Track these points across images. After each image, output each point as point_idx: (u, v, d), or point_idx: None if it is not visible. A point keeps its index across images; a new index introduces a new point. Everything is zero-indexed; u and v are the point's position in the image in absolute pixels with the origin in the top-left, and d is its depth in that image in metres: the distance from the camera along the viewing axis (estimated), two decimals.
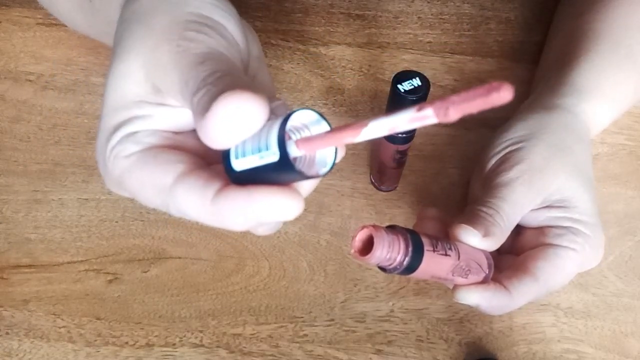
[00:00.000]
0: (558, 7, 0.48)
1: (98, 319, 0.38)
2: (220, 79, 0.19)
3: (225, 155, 0.20)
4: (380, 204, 0.43)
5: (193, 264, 0.40)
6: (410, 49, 0.50)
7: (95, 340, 0.38)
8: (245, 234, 0.41)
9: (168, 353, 0.37)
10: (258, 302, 0.39)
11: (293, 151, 0.18)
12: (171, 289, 0.40)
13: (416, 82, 0.33)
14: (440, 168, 0.44)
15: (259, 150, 0.18)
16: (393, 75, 0.34)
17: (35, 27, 0.50)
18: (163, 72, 0.21)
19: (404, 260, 0.26)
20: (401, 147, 0.38)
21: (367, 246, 0.26)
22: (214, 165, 0.22)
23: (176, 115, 0.23)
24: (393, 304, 0.39)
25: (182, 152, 0.22)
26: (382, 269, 0.27)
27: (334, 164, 0.20)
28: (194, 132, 0.23)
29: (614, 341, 0.38)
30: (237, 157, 0.19)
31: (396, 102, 0.34)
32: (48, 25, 0.50)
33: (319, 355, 0.37)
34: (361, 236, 0.26)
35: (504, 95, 0.13)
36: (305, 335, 0.38)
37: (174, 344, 0.38)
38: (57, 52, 0.49)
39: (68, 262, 0.40)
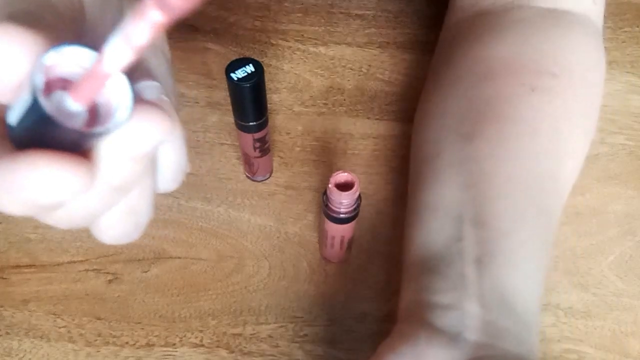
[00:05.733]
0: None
1: (98, 318, 0.38)
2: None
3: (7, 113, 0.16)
4: (380, 203, 0.43)
5: (193, 264, 0.40)
6: (410, 49, 0.50)
7: (95, 340, 0.38)
8: (246, 234, 0.42)
9: (168, 353, 0.37)
10: (258, 302, 0.39)
11: (71, 106, 0.15)
12: (171, 289, 0.40)
13: (249, 68, 0.33)
14: None
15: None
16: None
17: None
18: None
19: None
20: (257, 135, 0.38)
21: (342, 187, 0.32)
22: None
23: None
24: (393, 304, 0.39)
25: None
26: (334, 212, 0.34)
27: (129, 114, 0.15)
28: None
29: (614, 341, 0.38)
30: (12, 109, 0.16)
31: (235, 92, 0.35)
32: None
33: (319, 355, 0.37)
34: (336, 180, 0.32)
35: None
36: (305, 335, 0.38)
37: (174, 344, 0.38)
38: None
39: (68, 262, 0.40)
